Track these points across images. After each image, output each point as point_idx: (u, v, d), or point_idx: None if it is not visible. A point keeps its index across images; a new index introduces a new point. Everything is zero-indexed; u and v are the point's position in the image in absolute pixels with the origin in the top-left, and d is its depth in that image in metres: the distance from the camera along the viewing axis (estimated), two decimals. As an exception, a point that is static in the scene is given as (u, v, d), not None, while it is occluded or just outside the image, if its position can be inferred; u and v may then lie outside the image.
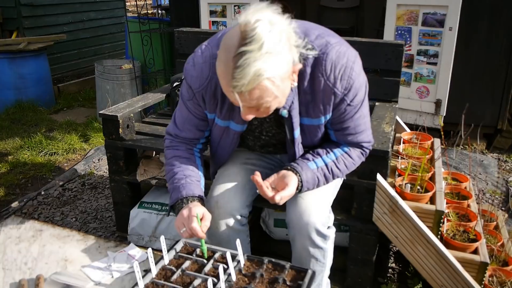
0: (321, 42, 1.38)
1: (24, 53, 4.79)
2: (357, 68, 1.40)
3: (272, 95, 1.21)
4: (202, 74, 1.44)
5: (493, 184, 3.23)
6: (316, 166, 1.53)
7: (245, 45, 1.13)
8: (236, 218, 1.63)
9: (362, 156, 1.62)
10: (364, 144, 1.59)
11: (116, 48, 6.84)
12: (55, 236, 1.65)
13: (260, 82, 1.16)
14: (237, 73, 1.14)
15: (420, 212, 1.85)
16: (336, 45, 1.38)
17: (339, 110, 1.45)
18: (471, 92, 3.72)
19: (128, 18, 4.51)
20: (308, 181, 1.50)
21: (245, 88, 1.16)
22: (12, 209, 2.89)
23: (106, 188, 3.21)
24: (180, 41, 2.75)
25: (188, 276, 1.33)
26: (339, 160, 1.55)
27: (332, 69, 1.37)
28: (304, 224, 1.53)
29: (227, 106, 1.48)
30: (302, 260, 1.62)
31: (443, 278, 1.81)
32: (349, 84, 1.39)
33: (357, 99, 1.44)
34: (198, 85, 1.46)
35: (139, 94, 4.37)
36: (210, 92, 1.46)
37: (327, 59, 1.36)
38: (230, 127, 1.55)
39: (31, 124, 4.47)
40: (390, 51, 2.34)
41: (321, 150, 1.56)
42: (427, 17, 3.41)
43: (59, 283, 1.38)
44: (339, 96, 1.41)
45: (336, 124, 1.51)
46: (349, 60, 1.38)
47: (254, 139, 1.68)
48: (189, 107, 1.56)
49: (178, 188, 1.52)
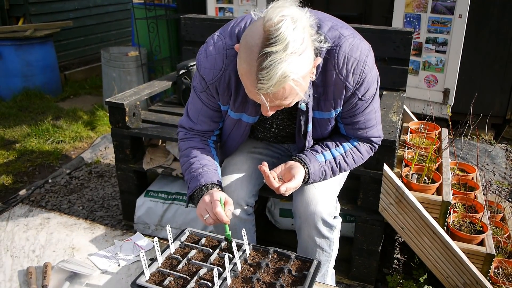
0: (334, 34, 1.35)
1: (30, 40, 4.78)
2: (370, 62, 1.38)
3: (296, 94, 1.20)
4: (215, 65, 1.41)
5: (501, 175, 3.20)
6: (325, 159, 1.52)
7: (269, 45, 1.11)
8: (243, 207, 1.63)
9: (371, 151, 1.62)
10: (373, 139, 1.58)
11: (123, 35, 6.81)
12: (62, 224, 1.66)
13: (286, 83, 1.14)
14: (263, 74, 1.12)
15: (426, 203, 1.84)
16: (349, 37, 1.36)
17: (350, 104, 1.44)
18: (480, 81, 3.67)
19: (134, 4, 4.47)
20: (315, 174, 1.50)
21: (271, 90, 1.15)
22: (20, 197, 2.91)
23: (112, 176, 3.23)
24: (187, 28, 2.73)
25: (193, 265, 1.34)
26: (347, 154, 1.55)
27: (345, 62, 1.34)
28: (310, 213, 1.53)
29: (240, 98, 1.46)
30: (307, 250, 1.62)
31: (448, 269, 1.81)
32: (361, 79, 1.37)
33: (368, 94, 1.42)
34: (211, 76, 1.43)
35: (145, 81, 4.37)
36: (224, 84, 1.43)
37: (339, 52, 1.33)
38: (242, 119, 1.54)
39: (38, 112, 4.49)
40: (399, 39, 2.31)
41: (330, 143, 1.55)
42: (436, 4, 3.36)
43: (66, 271, 1.40)
44: (351, 90, 1.39)
45: (346, 118, 1.50)
46: (362, 54, 1.35)
47: (264, 131, 1.67)
48: (202, 99, 1.53)
49: (196, 177, 1.49)
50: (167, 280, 1.27)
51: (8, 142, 3.77)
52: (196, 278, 1.27)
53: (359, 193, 1.93)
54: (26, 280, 1.36)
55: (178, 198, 2.36)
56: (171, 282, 1.26)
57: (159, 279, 1.28)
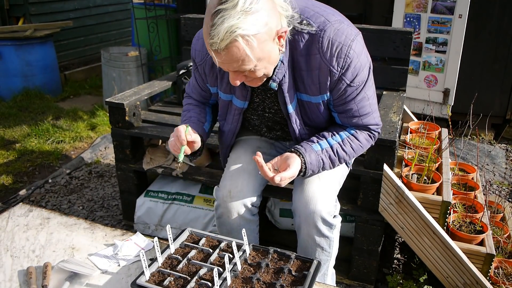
0: (319, 19, 1.37)
1: (30, 40, 4.78)
2: (357, 48, 1.37)
3: (250, 56, 1.21)
4: (203, 48, 1.52)
5: (501, 175, 3.20)
6: (321, 148, 1.50)
7: (221, 4, 1.16)
8: (248, 207, 1.63)
9: (370, 139, 1.59)
10: (371, 127, 1.56)
11: (123, 35, 6.81)
12: (62, 224, 1.66)
13: (233, 39, 1.16)
14: (212, 30, 1.17)
15: (426, 203, 1.84)
16: (335, 23, 1.37)
17: (339, 91, 1.43)
18: (480, 81, 3.67)
19: (134, 4, 4.47)
20: (312, 163, 1.47)
21: (219, 45, 1.17)
22: (20, 197, 2.91)
23: (112, 176, 3.23)
24: (187, 28, 2.73)
25: (193, 265, 1.34)
26: (345, 142, 1.52)
27: (329, 46, 1.35)
28: (310, 212, 1.53)
29: (226, 79, 1.52)
30: (307, 249, 1.62)
31: (448, 269, 1.81)
32: (346, 63, 1.36)
33: (358, 80, 1.41)
34: (199, 58, 1.56)
35: (145, 81, 4.37)
36: (209, 66, 1.54)
37: (324, 36, 1.35)
38: (233, 102, 1.58)
39: (38, 112, 4.49)
40: (399, 39, 2.31)
41: (326, 133, 1.54)
42: (436, 4, 3.36)
43: (66, 271, 1.40)
44: (336, 74, 1.38)
45: (338, 106, 1.49)
46: (347, 38, 1.35)
47: (259, 118, 1.67)
48: (196, 76, 1.67)
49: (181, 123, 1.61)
50: (167, 280, 1.27)
51: (8, 142, 3.77)
52: (196, 278, 1.27)
53: (359, 193, 1.93)
54: (26, 280, 1.36)
55: (178, 198, 2.36)
56: (171, 282, 1.26)
57: (159, 279, 1.28)
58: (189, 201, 2.35)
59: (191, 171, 2.25)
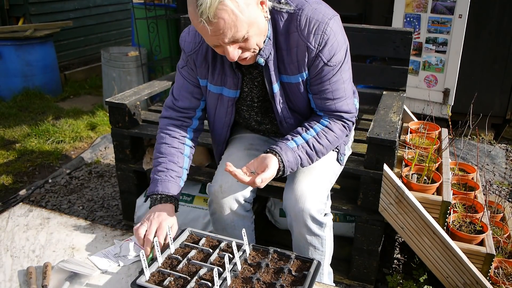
0: (298, 1, 1.43)
1: (30, 40, 4.78)
2: (334, 26, 1.41)
3: (240, 21, 1.24)
4: (195, 39, 1.54)
5: (501, 175, 3.20)
6: (296, 144, 1.49)
7: None
8: (240, 202, 1.64)
9: (345, 130, 1.59)
10: (343, 115, 1.56)
11: (123, 35, 6.81)
12: (62, 224, 1.66)
13: (221, 2, 1.19)
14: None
15: (426, 203, 1.84)
16: (313, 3, 1.43)
17: (316, 68, 1.45)
18: (480, 81, 3.67)
19: (134, 4, 4.47)
20: (290, 161, 1.46)
21: (209, 12, 1.20)
22: (20, 197, 2.91)
23: (112, 176, 3.23)
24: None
25: (193, 265, 1.34)
26: (320, 136, 1.52)
27: (307, 23, 1.39)
28: (299, 210, 1.53)
29: (218, 70, 1.54)
30: (300, 248, 1.62)
31: (448, 269, 1.81)
32: (323, 40, 1.40)
33: (335, 59, 1.44)
34: (190, 49, 1.56)
35: (145, 81, 4.37)
36: (202, 56, 1.54)
37: (301, 15, 1.40)
38: (223, 94, 1.58)
39: (38, 112, 4.49)
40: (399, 39, 2.31)
41: (300, 129, 1.54)
42: (436, 4, 3.36)
43: (66, 271, 1.39)
44: (313, 51, 1.41)
45: (314, 86, 1.51)
46: (324, 16, 1.40)
47: (248, 109, 1.67)
48: (183, 74, 1.63)
49: (157, 181, 1.56)
50: (167, 280, 1.27)
51: (8, 142, 3.77)
52: (196, 278, 1.27)
53: (359, 193, 1.93)
54: (26, 280, 1.36)
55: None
56: (171, 282, 1.26)
57: (159, 279, 1.28)
58: (189, 201, 2.35)
59: (191, 171, 2.25)
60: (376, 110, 2.14)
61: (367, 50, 2.37)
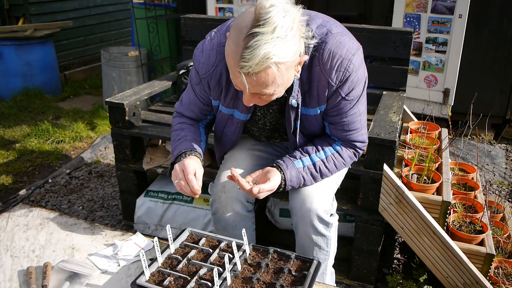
0: (322, 30, 1.37)
1: (30, 40, 4.78)
2: (356, 62, 1.38)
3: (276, 82, 1.21)
4: (209, 61, 1.47)
5: (501, 175, 3.20)
6: (303, 165, 1.51)
7: (258, 26, 1.13)
8: (242, 203, 1.64)
9: (354, 157, 1.61)
10: (357, 144, 1.57)
11: (123, 35, 6.81)
12: (62, 224, 1.66)
13: (268, 65, 1.15)
14: (247, 53, 1.14)
15: (426, 203, 1.84)
16: (337, 35, 1.37)
17: (333, 102, 1.44)
18: (480, 81, 3.67)
19: (134, 4, 4.47)
20: (292, 180, 1.49)
21: (252, 69, 1.16)
22: (20, 197, 2.91)
23: (112, 176, 3.23)
24: (186, 28, 2.73)
25: (193, 265, 1.34)
26: (328, 160, 1.54)
27: (329, 58, 1.35)
28: (306, 210, 1.53)
29: (231, 94, 1.50)
30: (305, 248, 1.62)
31: (448, 269, 1.81)
32: (345, 77, 1.37)
33: (353, 94, 1.42)
34: (204, 71, 1.49)
35: (145, 81, 4.37)
36: (215, 79, 1.48)
37: (325, 48, 1.35)
38: (234, 115, 1.57)
39: (38, 112, 4.49)
40: (399, 39, 2.31)
41: (310, 148, 1.55)
42: (436, 4, 3.36)
43: (66, 271, 1.40)
44: (334, 87, 1.39)
45: (330, 117, 1.50)
46: (348, 52, 1.36)
47: (259, 130, 1.68)
48: (196, 90, 1.59)
49: (178, 146, 1.55)
50: (167, 280, 1.27)
51: (8, 142, 3.77)
52: (196, 278, 1.27)
53: (359, 193, 1.93)
54: (26, 280, 1.36)
55: (178, 198, 2.36)
56: (171, 282, 1.26)
57: (159, 279, 1.28)
58: (189, 201, 2.35)
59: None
60: (376, 110, 2.14)
61: (367, 50, 2.35)
